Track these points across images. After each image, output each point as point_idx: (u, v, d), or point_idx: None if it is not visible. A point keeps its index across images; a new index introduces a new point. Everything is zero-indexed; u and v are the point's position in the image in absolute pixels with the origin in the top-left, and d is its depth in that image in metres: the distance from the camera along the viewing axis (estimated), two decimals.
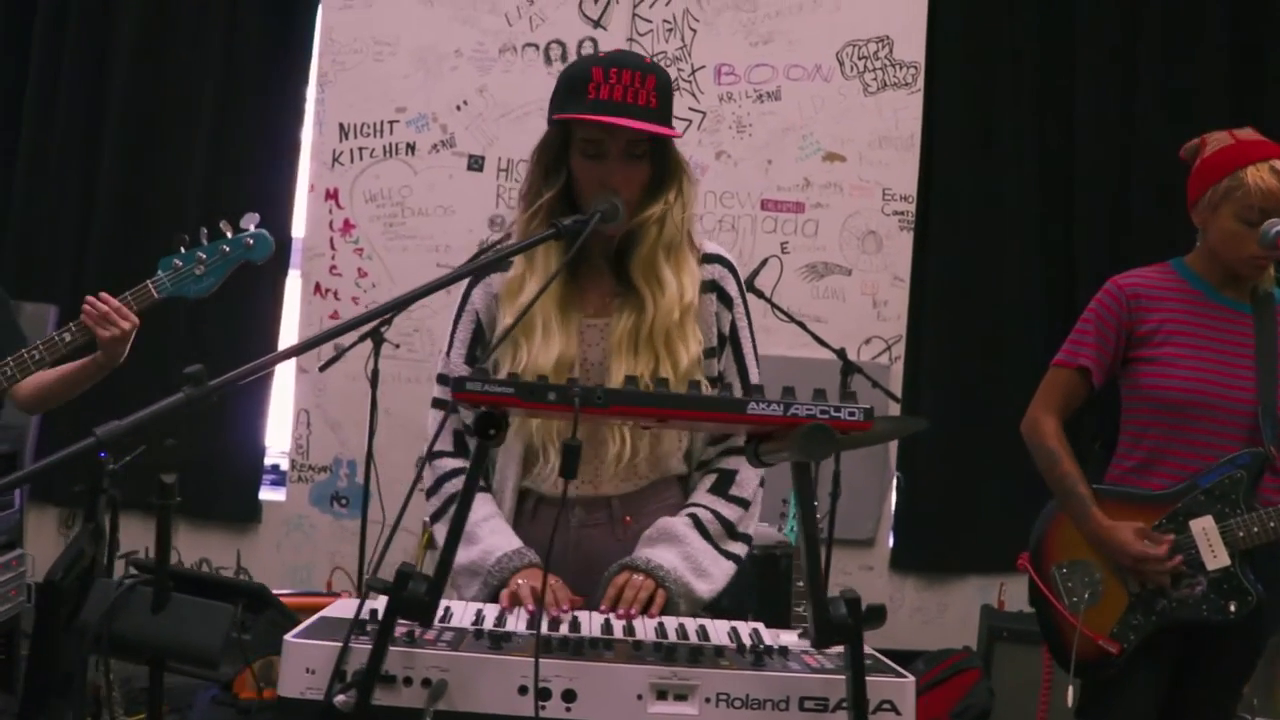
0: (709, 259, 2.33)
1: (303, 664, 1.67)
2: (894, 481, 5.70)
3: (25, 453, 4.50)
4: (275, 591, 4.50)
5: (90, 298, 2.91)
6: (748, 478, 2.31)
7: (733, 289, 2.35)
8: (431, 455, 2.34)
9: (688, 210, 2.27)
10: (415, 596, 1.56)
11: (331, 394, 5.61)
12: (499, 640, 1.74)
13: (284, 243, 5.79)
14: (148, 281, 2.88)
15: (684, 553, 2.20)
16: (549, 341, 2.20)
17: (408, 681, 1.65)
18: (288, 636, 1.70)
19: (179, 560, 5.81)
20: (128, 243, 5.77)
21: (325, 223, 5.70)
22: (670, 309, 2.20)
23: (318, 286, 5.71)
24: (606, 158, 2.17)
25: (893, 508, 5.81)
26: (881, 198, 5.69)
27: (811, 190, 5.67)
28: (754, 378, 2.33)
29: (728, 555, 2.26)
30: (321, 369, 4.86)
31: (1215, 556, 2.85)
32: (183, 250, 2.90)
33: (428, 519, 2.35)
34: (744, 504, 2.30)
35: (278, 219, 5.79)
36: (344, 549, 5.65)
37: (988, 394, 5.63)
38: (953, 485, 5.67)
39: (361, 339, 4.74)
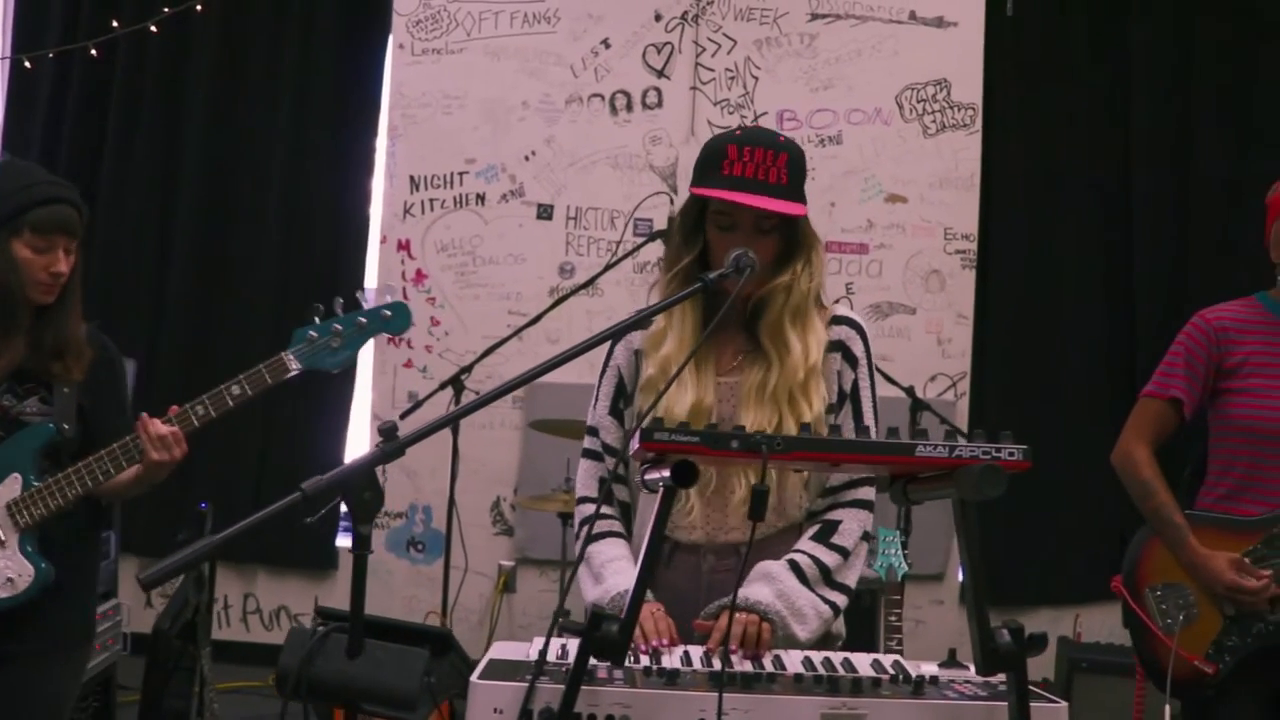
0: (837, 320, 2.45)
1: (490, 704, 1.76)
2: None
3: (116, 504, 4.60)
4: None
5: (140, 420, 2.68)
6: (850, 528, 2.38)
7: (858, 350, 2.45)
8: (579, 501, 2.52)
9: (815, 279, 2.39)
10: (609, 637, 1.64)
11: None
12: (671, 676, 1.83)
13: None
14: (282, 354, 2.72)
15: (778, 590, 2.27)
16: (684, 392, 2.33)
17: (592, 719, 1.74)
18: (473, 678, 1.79)
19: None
20: (205, 295, 5.94)
21: (398, 273, 5.83)
22: (795, 369, 2.32)
23: (390, 336, 5.81)
24: (737, 230, 2.30)
25: None
26: (943, 237, 5.78)
27: (875, 231, 5.77)
28: (871, 434, 2.42)
29: (824, 600, 2.32)
30: (402, 417, 4.95)
31: None
32: (317, 321, 2.73)
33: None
34: (843, 552, 2.36)
35: (350, 270, 5.93)
36: (421, 594, 5.75)
37: (1052, 428, 5.69)
38: (1019, 518, 5.71)
39: (442, 387, 4.84)
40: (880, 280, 5.78)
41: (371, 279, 5.95)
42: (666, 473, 1.63)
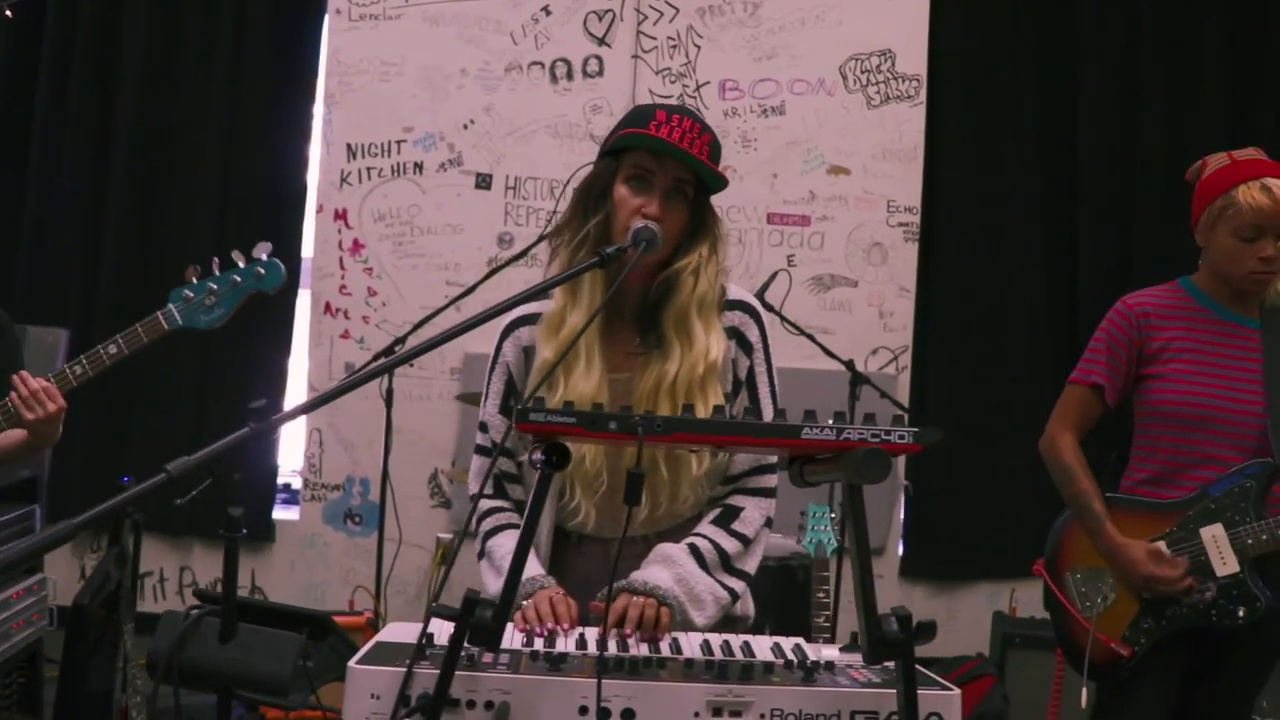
0: (731, 305, 2.40)
1: (368, 689, 1.71)
2: (902, 491, 5.74)
3: (43, 477, 4.52)
4: None
5: (16, 376, 2.72)
6: (752, 516, 2.36)
7: (753, 335, 2.41)
8: (473, 497, 2.43)
9: (720, 268, 2.35)
10: (483, 622, 1.60)
11: (343, 413, 5.64)
12: (556, 661, 1.79)
13: (294, 263, 5.83)
14: (158, 313, 2.79)
15: (677, 575, 2.24)
16: (590, 372, 2.27)
17: (470, 705, 1.70)
18: (351, 662, 1.74)
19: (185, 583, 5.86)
20: (138, 263, 5.81)
21: (334, 242, 5.74)
22: (695, 363, 2.27)
23: (328, 306, 5.75)
24: (651, 189, 2.25)
25: (901, 517, 5.85)
26: (886, 210, 5.74)
27: (817, 203, 5.72)
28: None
29: (722, 586, 2.30)
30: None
31: (1225, 563, 2.93)
32: (194, 281, 2.82)
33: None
34: (744, 540, 2.34)
35: (287, 239, 5.83)
36: (358, 566, 5.69)
37: (993, 402, 5.70)
38: (960, 493, 5.72)
39: (376, 358, 4.78)
40: (822, 252, 5.74)
41: (308, 248, 5.86)
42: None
